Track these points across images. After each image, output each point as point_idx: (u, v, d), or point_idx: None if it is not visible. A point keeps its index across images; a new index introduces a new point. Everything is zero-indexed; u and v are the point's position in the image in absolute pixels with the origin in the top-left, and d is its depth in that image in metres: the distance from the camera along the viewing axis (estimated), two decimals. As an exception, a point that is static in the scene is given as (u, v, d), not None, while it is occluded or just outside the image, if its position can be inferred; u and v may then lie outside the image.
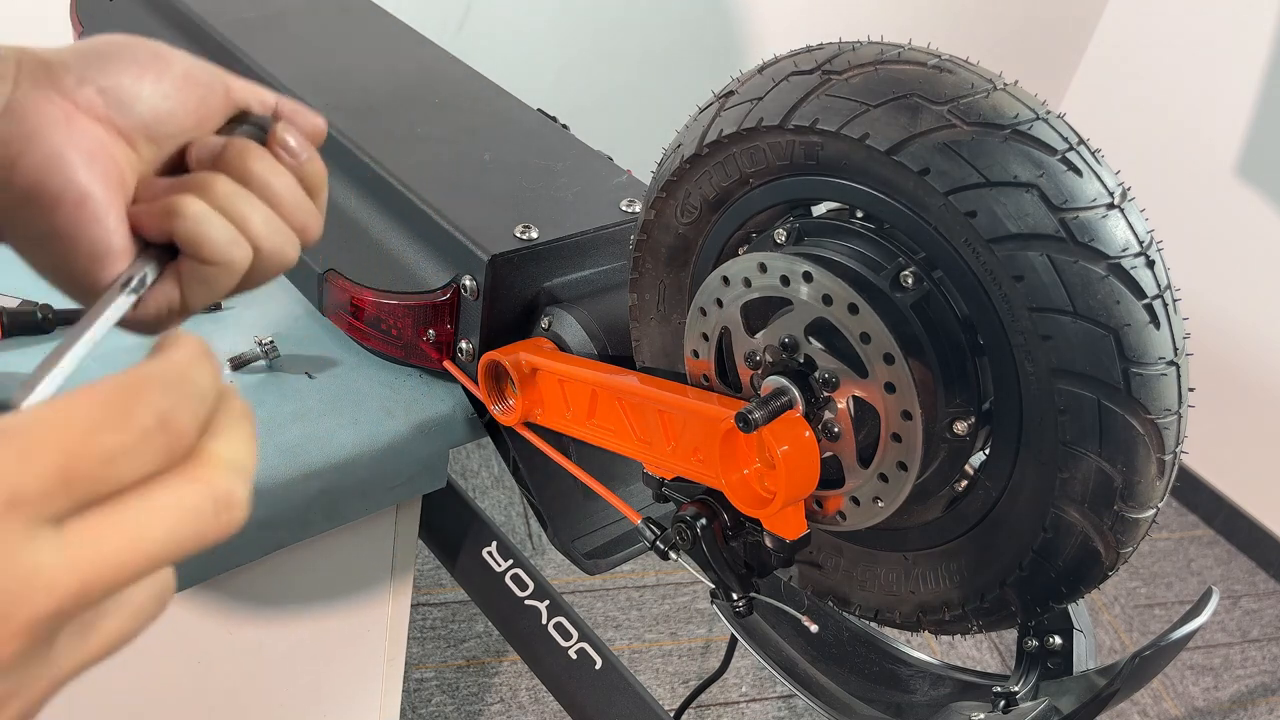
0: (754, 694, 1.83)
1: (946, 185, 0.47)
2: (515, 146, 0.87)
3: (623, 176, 0.86)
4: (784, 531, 0.56)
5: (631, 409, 0.63)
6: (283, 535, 0.74)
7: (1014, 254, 0.46)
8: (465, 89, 0.97)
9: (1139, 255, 0.46)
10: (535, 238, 0.74)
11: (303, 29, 1.03)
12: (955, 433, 0.51)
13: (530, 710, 1.73)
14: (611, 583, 2.00)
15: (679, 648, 1.90)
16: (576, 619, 0.87)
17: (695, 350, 0.60)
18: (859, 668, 0.72)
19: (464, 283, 0.73)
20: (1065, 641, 0.59)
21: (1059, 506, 0.49)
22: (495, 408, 0.73)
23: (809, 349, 0.54)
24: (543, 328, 0.74)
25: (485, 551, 0.90)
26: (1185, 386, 0.48)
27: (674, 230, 0.63)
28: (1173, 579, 2.31)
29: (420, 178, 0.80)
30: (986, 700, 0.59)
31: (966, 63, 0.50)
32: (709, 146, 0.57)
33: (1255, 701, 2.04)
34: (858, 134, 0.49)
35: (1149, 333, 0.46)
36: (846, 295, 0.50)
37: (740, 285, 0.56)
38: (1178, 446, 0.48)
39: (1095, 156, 0.48)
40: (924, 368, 0.50)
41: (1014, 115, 0.48)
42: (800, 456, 0.53)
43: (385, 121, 0.88)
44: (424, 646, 1.80)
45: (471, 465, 2.20)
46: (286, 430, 0.74)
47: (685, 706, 0.88)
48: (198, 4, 1.01)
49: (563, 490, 0.79)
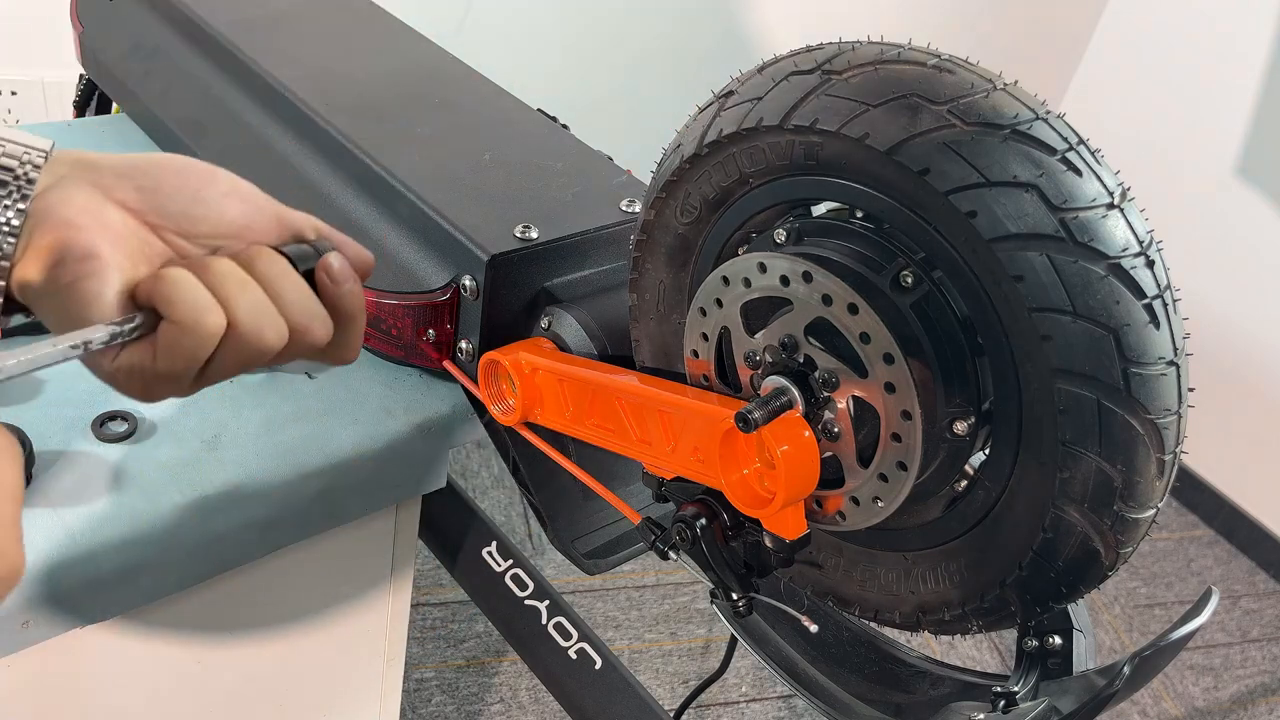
0: (754, 694, 1.83)
1: (946, 185, 0.47)
2: (515, 146, 0.87)
3: (623, 176, 0.86)
4: (784, 531, 0.56)
5: (631, 409, 0.63)
6: (283, 535, 0.75)
7: (1014, 254, 0.46)
8: (465, 89, 0.97)
9: (1139, 255, 0.46)
10: (535, 238, 0.74)
11: (303, 29, 1.03)
12: (955, 433, 0.51)
13: (530, 710, 1.73)
14: (611, 583, 2.00)
15: (679, 648, 1.90)
16: (576, 619, 0.87)
17: (695, 350, 0.60)
18: (859, 668, 0.72)
19: (464, 283, 0.73)
20: (1065, 641, 0.59)
21: (1059, 506, 0.49)
22: (495, 408, 0.73)
23: (809, 349, 0.54)
24: (542, 328, 0.74)
25: (485, 551, 0.90)
26: (1185, 386, 0.48)
27: (674, 230, 0.63)
28: (1173, 579, 2.31)
29: (420, 178, 0.80)
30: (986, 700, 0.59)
31: (966, 63, 0.50)
32: (709, 146, 0.57)
33: (1255, 701, 2.04)
34: (857, 134, 0.49)
35: (1149, 333, 0.46)
36: (846, 295, 0.50)
37: (740, 285, 0.56)
38: (1178, 446, 0.48)
39: (1095, 156, 0.48)
40: (924, 368, 0.50)
41: (1014, 115, 0.48)
42: (800, 456, 0.53)
43: (385, 121, 0.88)
44: (424, 646, 1.80)
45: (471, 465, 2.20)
46: (286, 430, 0.74)
47: (685, 706, 0.88)
48: (198, 4, 1.01)
49: (563, 490, 0.79)
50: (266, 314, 0.46)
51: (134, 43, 1.06)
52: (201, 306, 0.45)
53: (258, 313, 0.46)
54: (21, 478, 0.37)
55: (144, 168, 0.48)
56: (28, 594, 0.61)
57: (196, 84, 0.99)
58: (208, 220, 0.48)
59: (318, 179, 0.86)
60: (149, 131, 1.05)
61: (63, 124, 1.07)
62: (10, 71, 1.75)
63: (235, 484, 0.70)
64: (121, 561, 0.65)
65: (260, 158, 0.90)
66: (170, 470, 0.69)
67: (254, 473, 0.71)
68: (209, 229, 0.48)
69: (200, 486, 0.69)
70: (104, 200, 0.47)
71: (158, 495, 0.67)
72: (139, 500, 0.67)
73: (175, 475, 0.69)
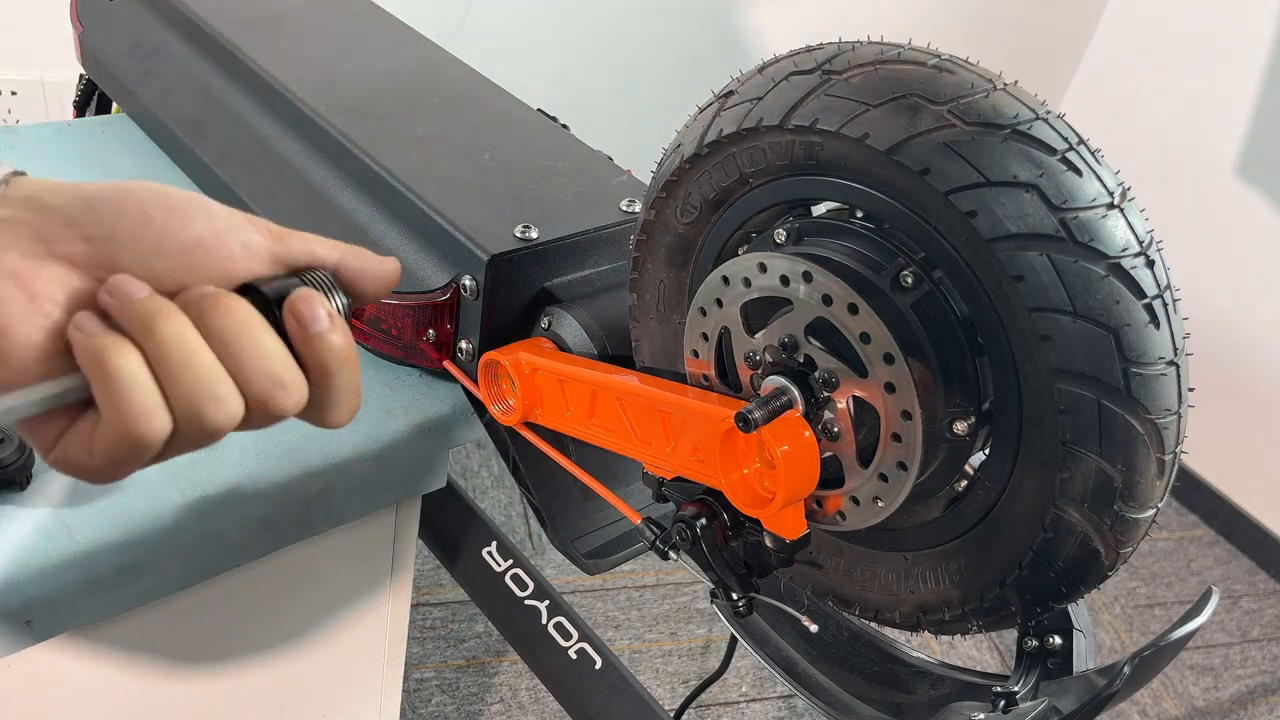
0: (754, 694, 1.83)
1: (946, 185, 0.47)
2: (515, 146, 0.87)
3: (623, 176, 0.86)
4: (784, 531, 0.56)
5: (631, 409, 0.63)
6: (283, 535, 0.75)
7: (1014, 254, 0.46)
8: (465, 89, 0.97)
9: (1139, 255, 0.46)
10: (535, 238, 0.74)
11: (303, 29, 1.03)
12: (955, 433, 0.51)
13: (530, 710, 1.73)
14: (611, 583, 2.00)
15: (679, 648, 1.90)
16: (576, 619, 0.87)
17: (695, 350, 0.60)
18: (859, 668, 0.72)
19: (464, 282, 0.73)
20: (1065, 641, 0.59)
21: (1059, 506, 0.49)
22: (495, 408, 0.73)
23: (809, 349, 0.54)
24: (542, 328, 0.74)
25: (485, 551, 0.91)
26: (1185, 386, 0.48)
27: (674, 230, 0.63)
28: (1173, 579, 2.31)
29: (420, 178, 0.80)
30: (986, 700, 0.59)
31: (966, 63, 0.50)
32: (709, 146, 0.57)
33: (1255, 701, 2.04)
34: (857, 134, 0.49)
35: (1149, 333, 0.46)
36: (846, 295, 0.50)
37: (740, 285, 0.56)
38: (1178, 446, 0.48)
39: (1095, 156, 0.48)
40: (924, 368, 0.50)
41: (1014, 115, 0.48)
42: (800, 456, 0.53)
43: (385, 121, 0.88)
44: (424, 646, 1.80)
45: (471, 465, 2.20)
46: (286, 430, 0.74)
47: (685, 706, 0.88)
48: (197, 4, 1.01)
49: (563, 490, 0.79)
50: (214, 391, 0.38)
51: (134, 43, 1.06)
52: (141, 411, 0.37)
53: (202, 393, 0.38)
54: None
55: (99, 211, 0.40)
56: (28, 594, 0.62)
57: (196, 84, 0.99)
58: (171, 275, 0.40)
59: (318, 179, 0.86)
60: (149, 131, 1.05)
61: (63, 124, 1.07)
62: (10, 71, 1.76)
63: (235, 483, 0.70)
64: (121, 561, 0.65)
65: (260, 158, 0.90)
66: (170, 470, 0.69)
67: (254, 472, 0.71)
68: (173, 284, 0.40)
69: (200, 486, 0.69)
70: (41, 257, 0.39)
71: (157, 495, 0.67)
72: (139, 500, 0.67)
73: (175, 475, 0.69)
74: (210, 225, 0.41)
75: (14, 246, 0.39)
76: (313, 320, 0.41)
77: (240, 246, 0.42)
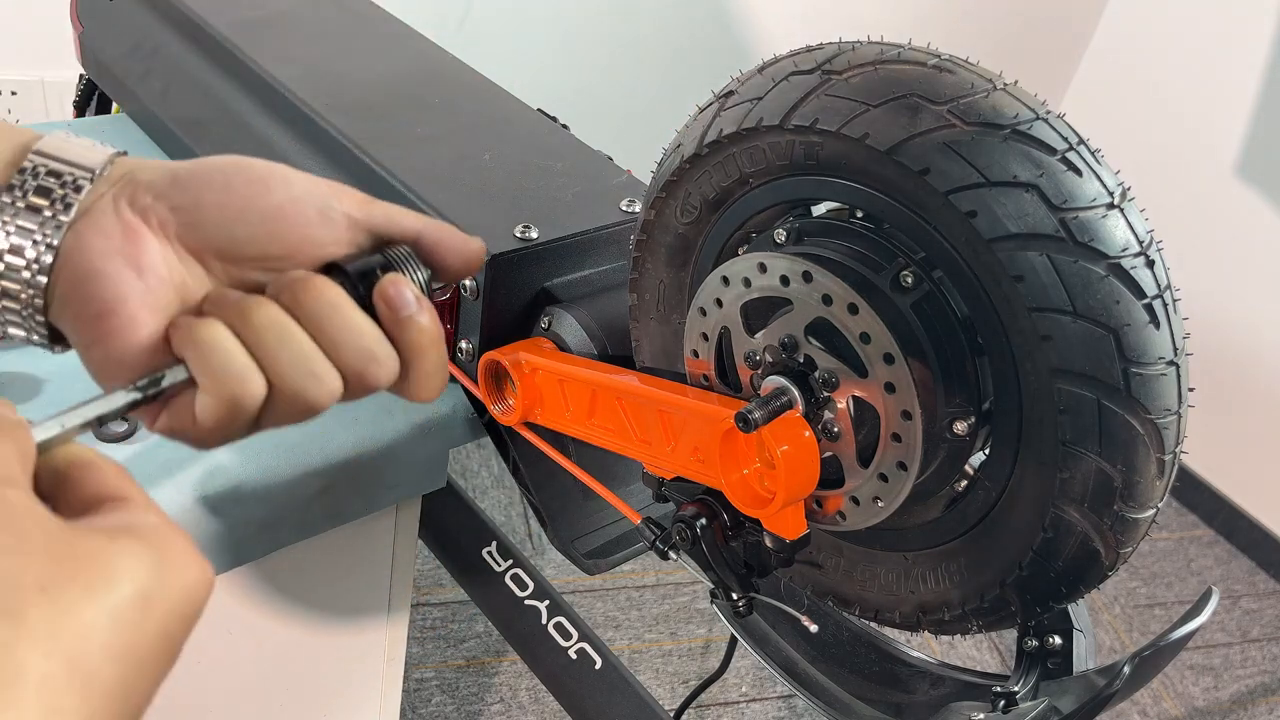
0: (754, 694, 1.83)
1: (946, 185, 0.47)
2: (515, 146, 0.87)
3: (623, 176, 0.86)
4: (784, 531, 0.56)
5: (631, 409, 0.63)
6: (283, 535, 0.74)
7: (1014, 254, 0.46)
8: (465, 89, 0.97)
9: (1139, 255, 0.46)
10: (535, 238, 0.74)
11: (303, 29, 1.03)
12: (955, 433, 0.51)
13: (530, 710, 1.73)
14: (611, 583, 2.00)
15: (679, 648, 1.90)
16: (576, 619, 0.87)
17: (695, 350, 0.60)
18: (859, 668, 0.72)
19: (464, 282, 0.73)
20: (1065, 641, 0.59)
21: (1059, 506, 0.49)
22: (495, 408, 0.73)
23: (809, 349, 0.54)
24: (542, 328, 0.74)
25: (485, 551, 0.91)
26: (1185, 386, 0.48)
27: (674, 230, 0.63)
28: (1173, 579, 2.31)
29: (420, 178, 0.80)
30: (986, 700, 0.59)
31: (966, 63, 0.50)
32: (709, 146, 0.57)
33: (1255, 701, 2.04)
34: (858, 134, 0.49)
35: (1149, 333, 0.46)
36: (846, 295, 0.50)
37: (740, 285, 0.56)
38: (1178, 446, 0.48)
39: (1095, 156, 0.48)
40: (924, 368, 0.50)
41: (1014, 115, 0.48)
42: (800, 456, 0.53)
43: (385, 121, 0.88)
44: (424, 646, 1.80)
45: (471, 465, 2.20)
46: (287, 430, 0.74)
47: (685, 706, 0.88)
48: (197, 4, 1.01)
49: (563, 490, 0.79)
50: (312, 369, 0.41)
51: (134, 43, 1.06)
52: (235, 374, 0.39)
53: (300, 371, 0.40)
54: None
55: (184, 182, 0.42)
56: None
57: (196, 84, 0.99)
58: (254, 242, 0.42)
59: (318, 179, 0.86)
60: (149, 131, 1.05)
61: (63, 124, 1.07)
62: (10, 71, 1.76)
63: (235, 483, 0.70)
64: (121, 561, 0.65)
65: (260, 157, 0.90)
66: (170, 470, 0.69)
67: (254, 472, 0.71)
68: (256, 251, 0.42)
69: (200, 486, 0.69)
70: (141, 230, 0.41)
71: (158, 495, 0.67)
72: (139, 500, 0.67)
73: (175, 475, 0.69)
74: (288, 193, 0.43)
75: (116, 223, 0.40)
76: (402, 304, 0.42)
77: (316, 213, 0.43)
